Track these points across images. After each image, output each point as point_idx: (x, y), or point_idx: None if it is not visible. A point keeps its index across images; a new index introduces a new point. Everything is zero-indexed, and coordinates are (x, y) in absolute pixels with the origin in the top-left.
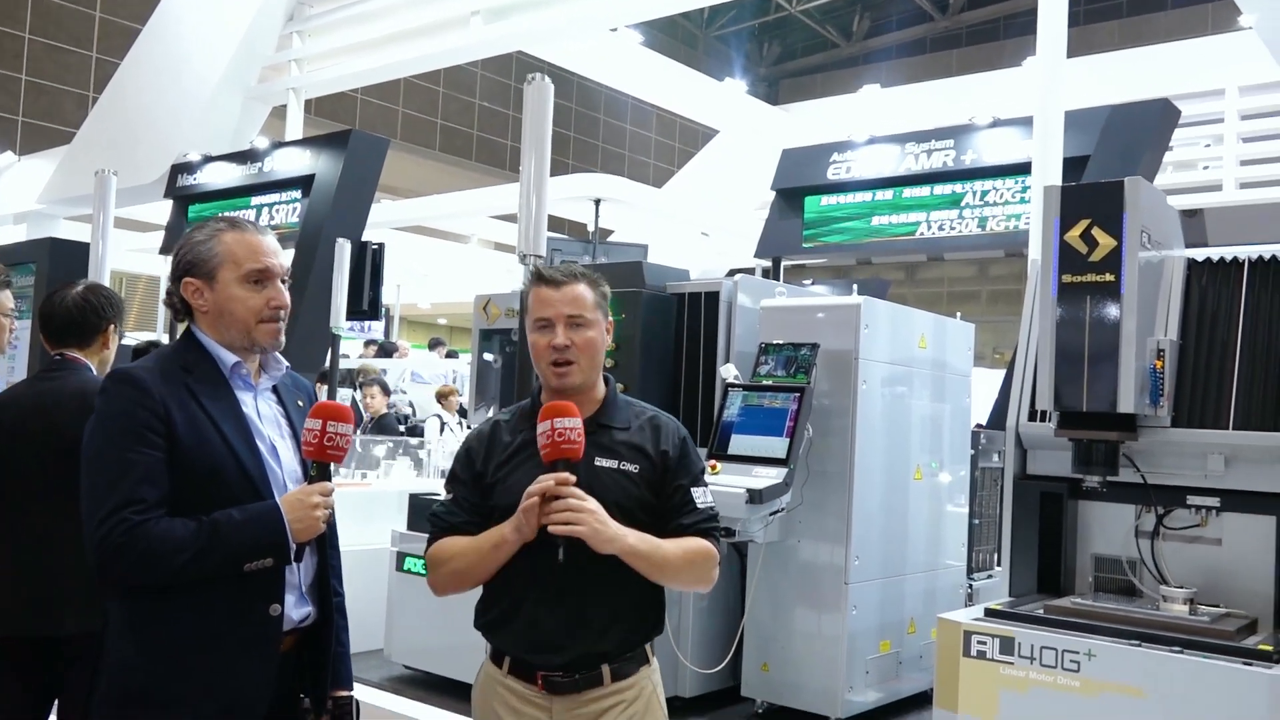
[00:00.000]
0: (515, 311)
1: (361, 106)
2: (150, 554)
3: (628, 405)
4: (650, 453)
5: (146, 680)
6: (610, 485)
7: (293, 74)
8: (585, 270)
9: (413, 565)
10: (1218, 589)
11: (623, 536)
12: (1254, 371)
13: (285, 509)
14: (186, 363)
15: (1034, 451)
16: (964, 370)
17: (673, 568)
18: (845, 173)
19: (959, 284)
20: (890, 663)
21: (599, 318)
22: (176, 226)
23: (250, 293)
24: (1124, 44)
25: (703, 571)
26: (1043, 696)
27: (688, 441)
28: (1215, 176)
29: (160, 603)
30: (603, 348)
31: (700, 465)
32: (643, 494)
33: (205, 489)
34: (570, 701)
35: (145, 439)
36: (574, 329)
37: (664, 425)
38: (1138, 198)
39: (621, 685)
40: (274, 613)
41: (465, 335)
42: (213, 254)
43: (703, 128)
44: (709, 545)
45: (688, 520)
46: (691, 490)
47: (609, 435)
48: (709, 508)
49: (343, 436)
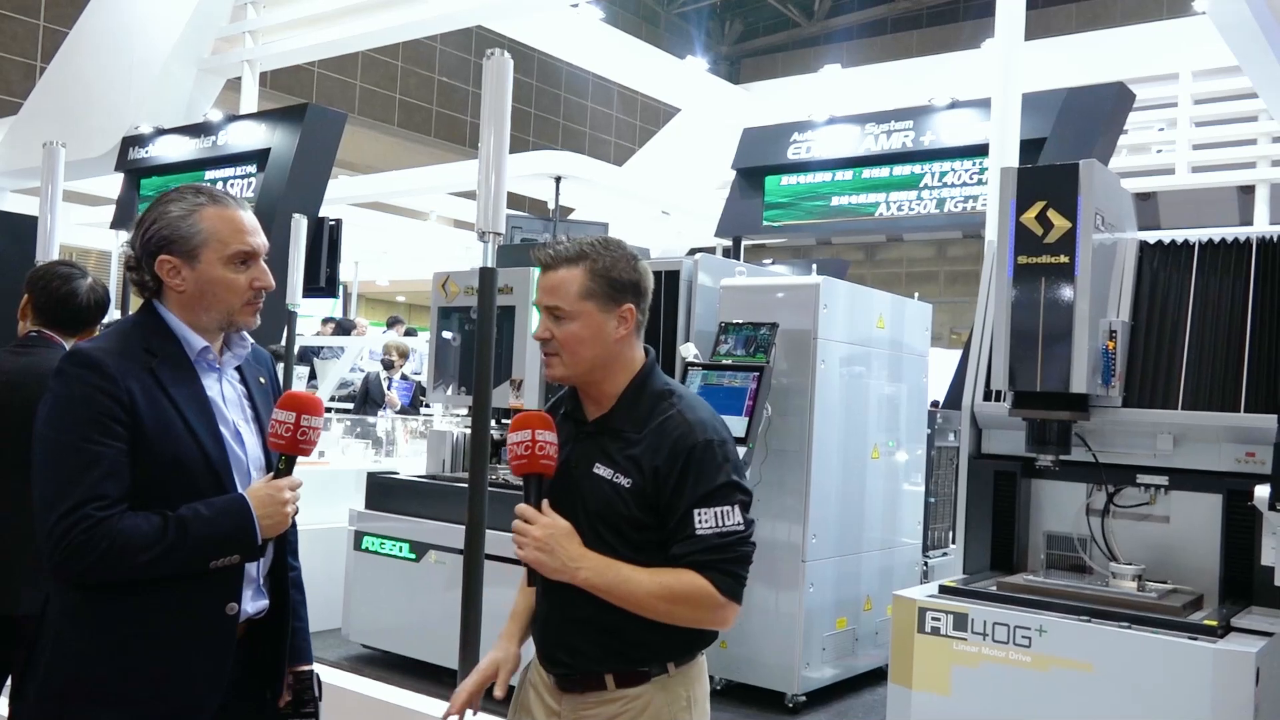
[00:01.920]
0: (474, 289)
1: (318, 80)
2: (113, 552)
3: (658, 400)
4: (645, 467)
5: (93, 673)
6: (596, 496)
7: (247, 46)
8: (593, 247)
9: (370, 544)
10: (1165, 566)
11: (575, 569)
12: (1202, 353)
13: (254, 505)
14: (150, 344)
15: (989, 431)
16: (921, 350)
17: (648, 606)
18: (805, 153)
19: (917, 265)
20: (846, 639)
21: (588, 308)
22: (127, 200)
23: (235, 274)
24: (1081, 27)
25: (695, 613)
26: (995, 671)
27: (698, 452)
28: (1168, 160)
29: (113, 597)
30: (594, 341)
31: (721, 480)
32: (633, 512)
33: (168, 479)
34: (575, 701)
35: (107, 428)
36: (553, 320)
37: (669, 432)
38: (1092, 180)
39: (629, 693)
40: (230, 611)
41: (424, 313)
42: (195, 231)
43: (664, 106)
44: (702, 583)
45: (679, 550)
46: (695, 513)
47: (617, 440)
48: (718, 535)
49: (315, 430)
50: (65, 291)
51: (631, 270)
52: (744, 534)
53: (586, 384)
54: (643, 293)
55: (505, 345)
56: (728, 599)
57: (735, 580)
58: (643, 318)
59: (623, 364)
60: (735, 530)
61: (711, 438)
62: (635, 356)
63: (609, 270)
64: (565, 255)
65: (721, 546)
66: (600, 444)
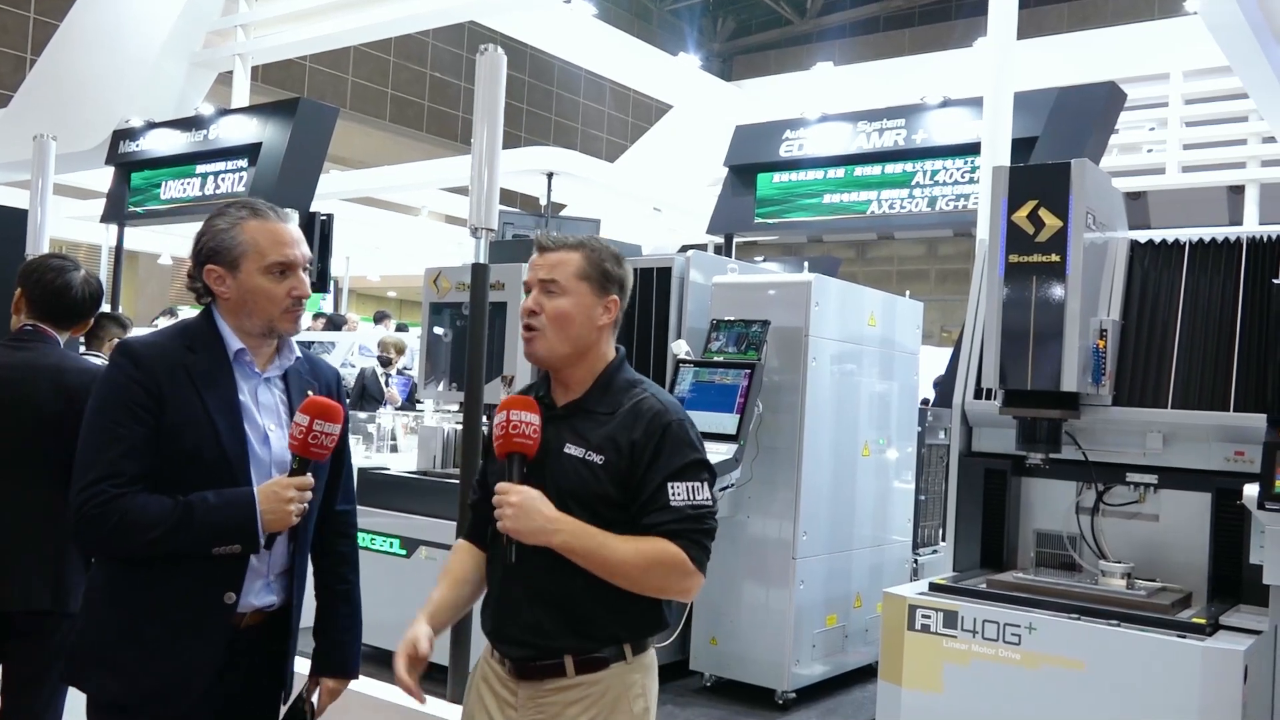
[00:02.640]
0: (466, 285)
1: (310, 75)
2: (123, 526)
3: (628, 388)
4: (621, 443)
5: (102, 642)
6: (568, 473)
7: (239, 39)
8: (590, 239)
9: (360, 540)
10: (1155, 564)
11: (553, 531)
12: (1192, 352)
13: (260, 499)
14: (193, 342)
15: (979, 429)
16: (912, 348)
17: (622, 571)
18: (798, 150)
19: (908, 263)
20: (836, 636)
21: (582, 289)
22: (118, 194)
23: (273, 283)
24: (1073, 26)
25: (665, 580)
26: (985, 669)
27: (673, 429)
28: (1159, 160)
29: (129, 572)
30: (581, 321)
31: (692, 457)
32: (605, 488)
33: (183, 468)
34: (532, 689)
35: (134, 413)
36: (546, 294)
37: (644, 411)
38: (1083, 180)
39: (588, 679)
40: (228, 600)
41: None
42: (236, 243)
43: (656, 102)
44: (675, 550)
45: (652, 519)
46: (669, 485)
47: (588, 420)
48: (691, 507)
49: (328, 436)
50: (60, 285)
51: (619, 267)
52: (712, 509)
53: (561, 369)
54: (625, 290)
55: (497, 341)
56: (696, 568)
57: (703, 551)
58: (620, 315)
59: (598, 353)
60: (705, 504)
61: (682, 418)
62: (608, 351)
63: (602, 261)
64: (565, 241)
65: (694, 517)
66: (571, 425)
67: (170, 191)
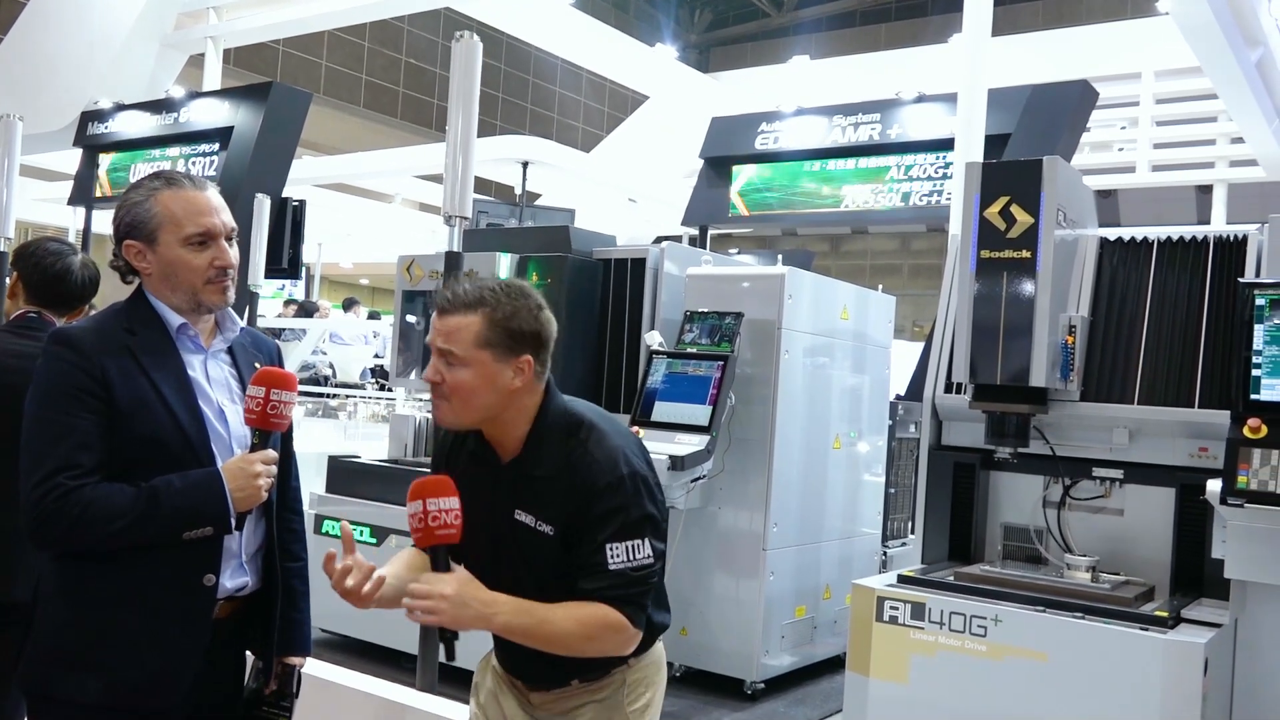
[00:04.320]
0: (439, 273)
1: (283, 59)
2: (84, 520)
3: (565, 439)
4: (565, 511)
5: (74, 642)
6: (527, 542)
7: (211, 22)
8: (494, 294)
9: (331, 528)
10: (1119, 557)
11: (491, 615)
12: (1159, 349)
13: (226, 477)
14: (131, 323)
15: (949, 423)
16: (884, 342)
17: (563, 644)
18: (773, 143)
19: (881, 257)
20: (805, 627)
21: (483, 357)
22: (86, 176)
23: (193, 254)
24: (1048, 24)
25: (606, 645)
26: (951, 660)
27: (607, 492)
28: (1129, 159)
29: (94, 566)
30: (485, 391)
31: (632, 515)
32: (559, 555)
33: (145, 454)
34: (543, 696)
35: (82, 402)
36: (445, 365)
37: (579, 473)
38: (1055, 177)
39: (593, 685)
40: (208, 583)
41: (387, 296)
42: (151, 215)
43: (632, 93)
44: (613, 615)
45: (591, 585)
46: (607, 547)
47: (532, 486)
48: (631, 569)
49: (286, 404)
50: (59, 269)
51: (533, 320)
52: (653, 566)
53: (485, 430)
54: (544, 343)
55: None
56: (636, 628)
57: (642, 610)
58: (541, 368)
59: (520, 411)
60: (645, 564)
61: (621, 472)
62: (531, 404)
63: (508, 320)
64: (463, 301)
65: (633, 580)
66: (517, 489)
67: (140, 174)
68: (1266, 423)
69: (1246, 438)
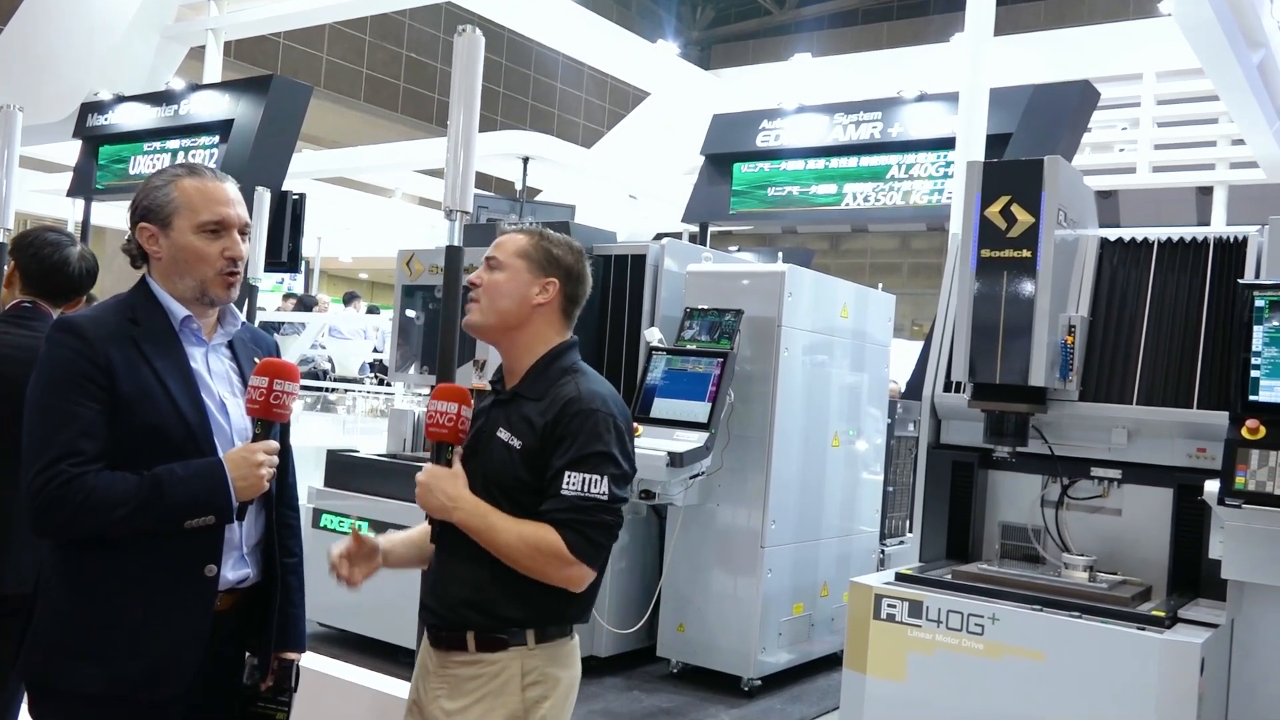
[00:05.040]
0: (439, 268)
1: (284, 52)
2: (87, 507)
3: (560, 375)
4: (536, 425)
5: (76, 632)
6: (493, 459)
7: (212, 14)
8: (549, 232)
9: (328, 522)
10: (1116, 557)
11: (451, 509)
12: (1158, 349)
13: (229, 466)
14: (135, 314)
15: (948, 422)
16: (883, 341)
17: (505, 552)
18: (774, 140)
19: (881, 256)
20: (803, 625)
21: (518, 265)
22: (85, 168)
23: (205, 243)
24: (1050, 24)
25: (545, 566)
26: (948, 658)
27: (581, 418)
28: (1130, 159)
29: (96, 556)
30: (510, 294)
31: (596, 449)
32: (520, 475)
33: (148, 444)
34: (442, 659)
35: (85, 390)
36: (487, 269)
37: (560, 397)
38: (1056, 177)
39: (487, 658)
40: (209, 573)
41: (387, 291)
42: (168, 200)
43: (633, 89)
44: (554, 538)
45: (545, 506)
46: (565, 473)
47: (519, 407)
48: (580, 498)
49: (289, 395)
50: (57, 259)
51: (570, 257)
52: (606, 503)
53: (497, 344)
54: (574, 279)
55: None
56: (577, 558)
57: (588, 543)
58: (568, 303)
59: (534, 334)
60: (597, 498)
61: (598, 408)
62: (550, 336)
63: (550, 247)
64: (523, 228)
65: (581, 508)
66: (507, 411)
67: (139, 166)
68: (1265, 424)
69: (1245, 439)
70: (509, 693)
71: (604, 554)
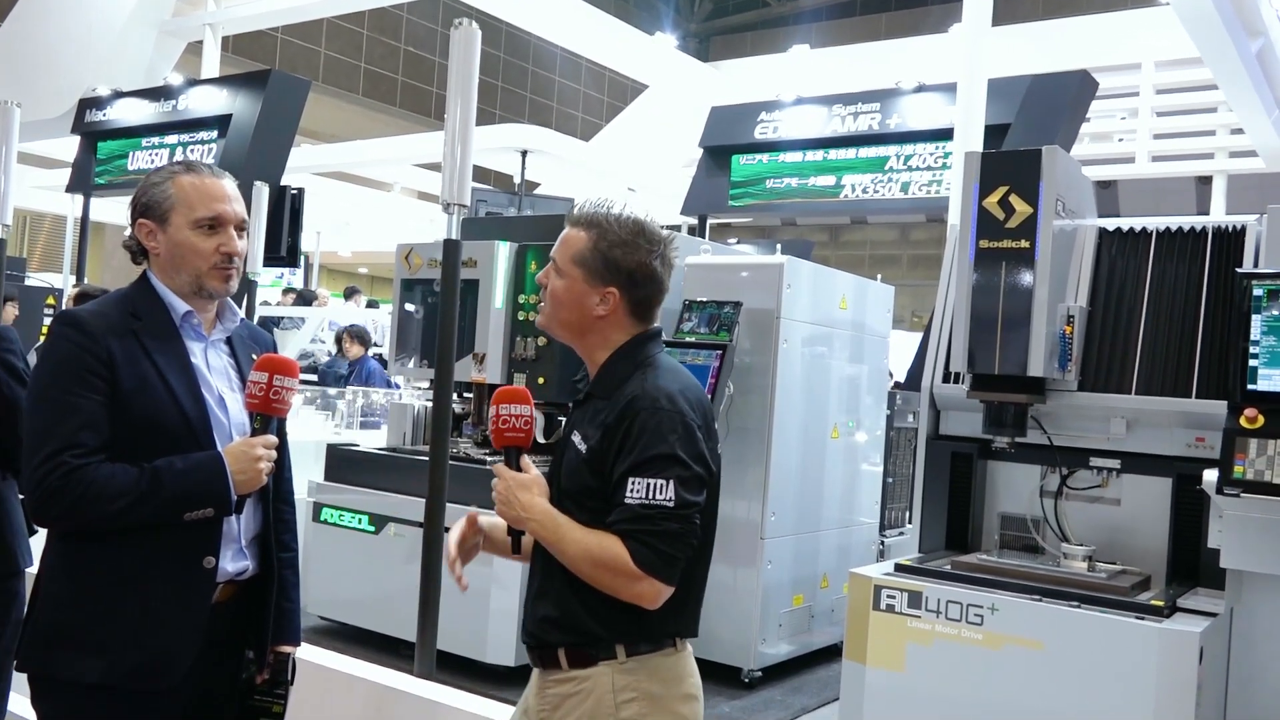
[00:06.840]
0: (438, 262)
1: (282, 46)
2: (87, 498)
3: (632, 369)
4: (598, 428)
5: (74, 621)
6: (567, 464)
7: (209, 9)
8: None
9: (329, 516)
10: (1115, 547)
11: (525, 519)
12: (1157, 339)
13: (228, 460)
14: (136, 309)
15: (947, 412)
16: (883, 332)
17: (574, 567)
18: (773, 132)
19: (880, 247)
20: (802, 616)
21: (576, 274)
22: (84, 163)
23: (201, 238)
24: (1048, 14)
25: (612, 581)
26: (947, 649)
27: (642, 416)
28: (1129, 149)
29: (95, 546)
30: (571, 308)
31: (659, 450)
32: (585, 480)
33: (147, 437)
34: (539, 678)
35: (87, 382)
36: (552, 271)
37: (623, 395)
38: (1054, 167)
39: (579, 674)
40: (208, 565)
41: (386, 285)
42: (166, 196)
43: (632, 82)
44: (619, 551)
45: (611, 517)
46: (629, 480)
47: (593, 407)
48: (643, 506)
49: (288, 390)
50: None
51: (635, 258)
52: (672, 510)
53: (576, 348)
54: (640, 281)
55: (468, 319)
56: (644, 571)
57: (655, 554)
58: (637, 306)
59: (603, 340)
60: (662, 505)
61: (664, 405)
62: (617, 336)
63: (610, 249)
64: (583, 217)
65: (645, 517)
66: (583, 412)
67: (138, 162)
68: (1263, 413)
69: (1243, 428)
70: (602, 712)
71: (675, 566)
